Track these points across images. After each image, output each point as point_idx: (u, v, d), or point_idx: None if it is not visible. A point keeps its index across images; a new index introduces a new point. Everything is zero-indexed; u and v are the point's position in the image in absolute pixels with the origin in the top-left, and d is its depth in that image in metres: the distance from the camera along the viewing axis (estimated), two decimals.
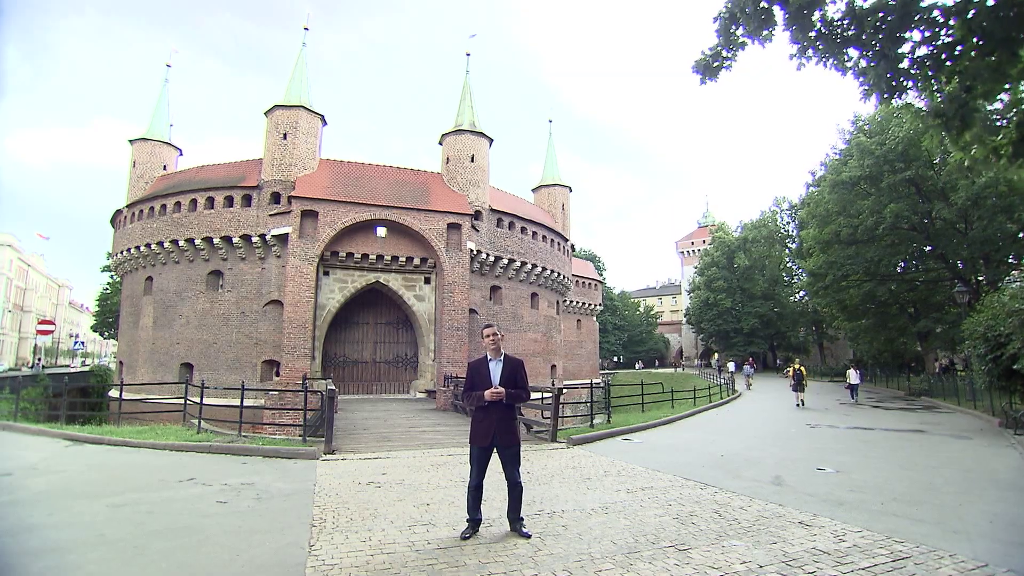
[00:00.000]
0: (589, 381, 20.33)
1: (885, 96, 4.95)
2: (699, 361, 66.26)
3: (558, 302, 32.13)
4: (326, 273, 22.52)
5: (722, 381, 29.10)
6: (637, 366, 66.58)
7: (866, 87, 5.02)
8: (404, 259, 23.09)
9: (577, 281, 43.07)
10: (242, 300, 22.25)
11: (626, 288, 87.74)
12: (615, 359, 67.62)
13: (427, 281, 24.04)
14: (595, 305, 47.00)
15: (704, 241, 72.04)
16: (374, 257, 22.63)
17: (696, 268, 59.34)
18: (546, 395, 12.84)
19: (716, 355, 57.02)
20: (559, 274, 29.95)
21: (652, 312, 77.14)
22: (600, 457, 9.57)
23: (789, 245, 51.67)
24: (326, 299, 22.32)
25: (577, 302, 44.18)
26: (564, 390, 12.48)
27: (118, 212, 26.47)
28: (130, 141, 26.83)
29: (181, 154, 28.02)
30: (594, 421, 13.44)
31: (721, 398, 22.76)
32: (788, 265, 53.94)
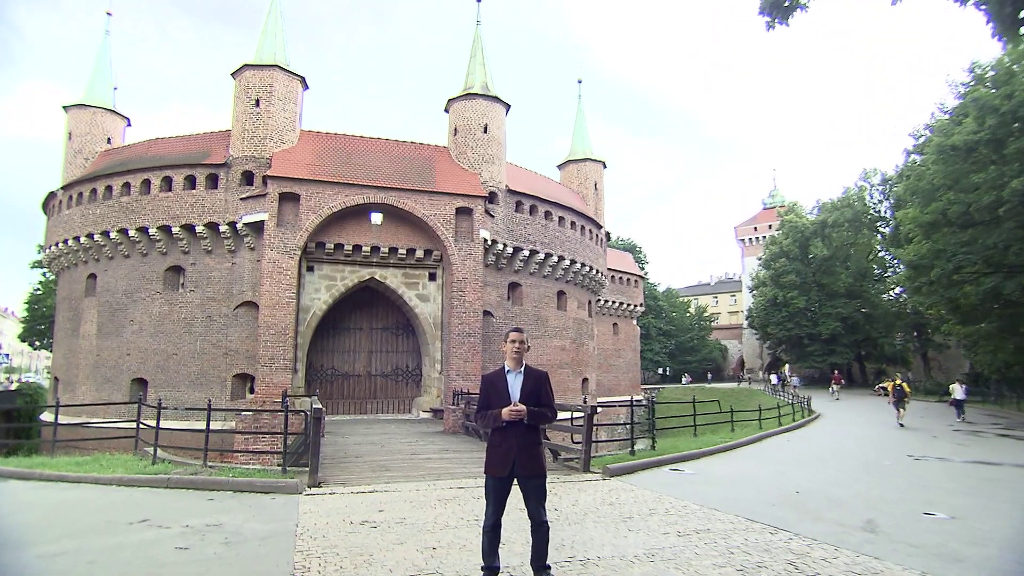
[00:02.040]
0: (629, 398, 20.27)
1: (1009, 32, 4.72)
2: (763, 374, 65.55)
3: (590, 302, 32.07)
4: (311, 268, 22.73)
5: (793, 398, 28.67)
6: (684, 380, 66.08)
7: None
8: (404, 251, 23.22)
9: (613, 276, 43.03)
10: (208, 302, 22.57)
11: (673, 285, 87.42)
12: (660, 371, 67.25)
13: (432, 278, 24.12)
14: (635, 306, 47.02)
15: (770, 226, 71.14)
16: (368, 249, 22.79)
17: (760, 259, 58.83)
18: (576, 415, 12.73)
19: (787, 367, 56.24)
20: (591, 268, 29.88)
21: (705, 314, 76.65)
22: (643, 491, 9.46)
23: (881, 230, 50.35)
24: (311, 300, 22.52)
25: (613, 302, 44.26)
26: (598, 409, 12.38)
27: (51, 195, 26.94)
28: (64, 108, 27.11)
29: (129, 125, 28.38)
30: (635, 447, 13.35)
31: (795, 420, 22.42)
32: (880, 255, 52.79)
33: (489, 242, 24.39)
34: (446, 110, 26.49)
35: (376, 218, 22.94)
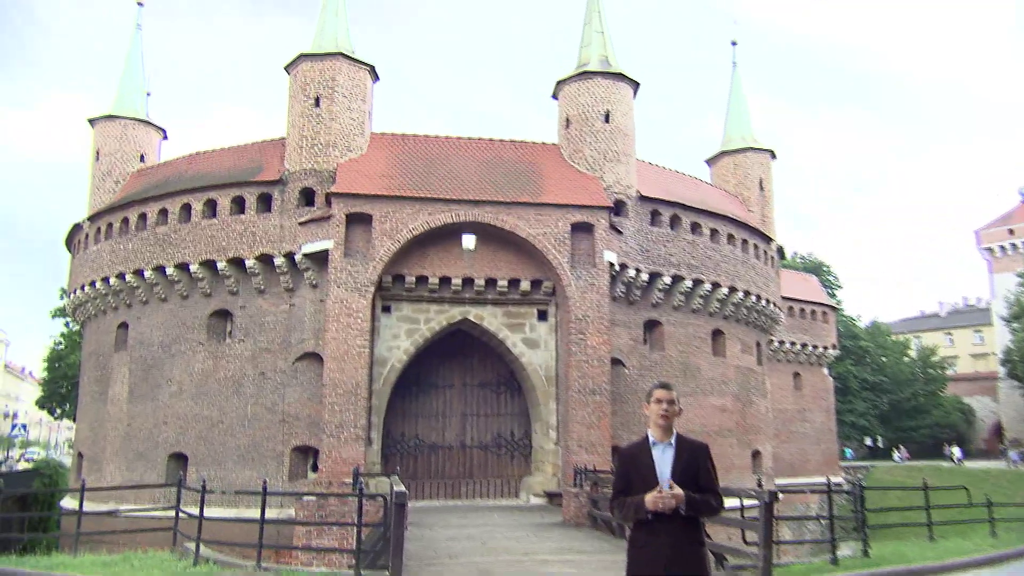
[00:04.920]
0: (825, 480, 19.29)
1: None
2: None
3: (759, 344, 31.31)
4: (387, 309, 23.59)
5: None
6: (897, 456, 62.01)
7: None
8: (505, 283, 23.67)
9: (790, 308, 41.72)
10: (261, 354, 23.85)
11: (882, 317, 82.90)
12: (868, 441, 63.62)
13: (542, 317, 24.38)
14: (825, 348, 45.42)
15: None
16: (459, 282, 23.40)
17: (1022, 276, 55.11)
18: (748, 503, 12.31)
19: None
20: (759, 298, 29.26)
21: (935, 358, 71.97)
22: None
23: None
24: (388, 349, 23.34)
25: (793, 344, 43.00)
26: (779, 495, 11.96)
27: (76, 229, 29.48)
28: (90, 121, 29.65)
29: (165, 137, 30.75)
30: (838, 553, 12.76)
31: None
32: None
33: (617, 267, 24.40)
34: (554, 96, 26.92)
35: (468, 241, 23.55)
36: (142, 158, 29.30)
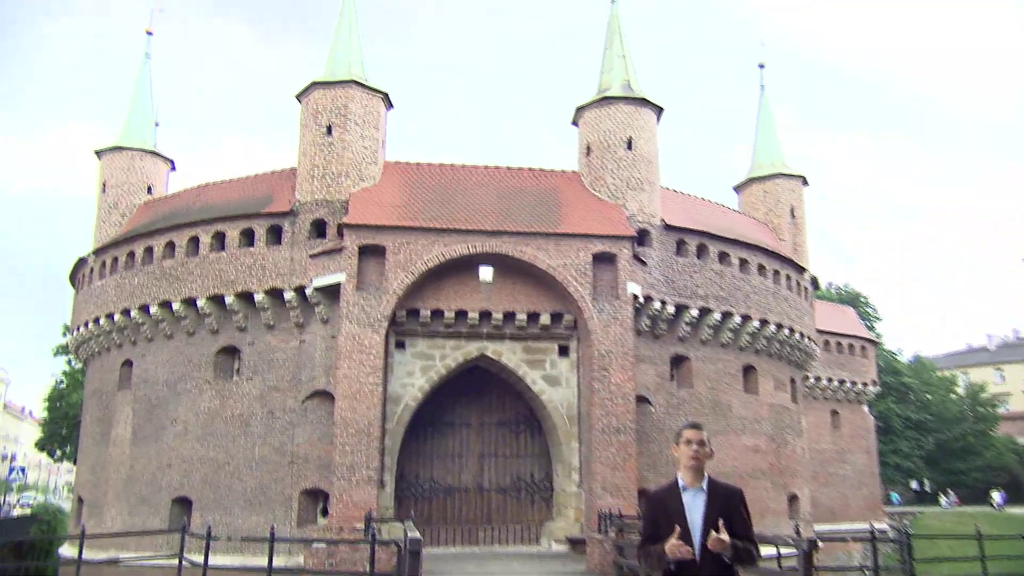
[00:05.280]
0: (868, 527, 18.98)
1: None
2: None
3: (794, 380, 31.11)
4: (401, 345, 23.69)
5: None
6: (945, 501, 60.96)
7: None
8: (524, 317, 23.74)
9: (826, 342, 41.44)
10: (269, 392, 23.98)
11: (925, 351, 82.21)
12: (913, 484, 62.59)
13: (563, 352, 24.37)
14: (865, 385, 45.02)
15: None
16: (476, 315, 23.50)
17: None
18: (785, 552, 12.16)
19: None
20: (792, 331, 29.14)
21: (985, 395, 71.02)
22: None
23: None
24: (402, 386, 23.40)
25: (830, 380, 42.66)
26: (819, 543, 11.80)
27: (81, 263, 29.99)
28: (97, 153, 30.35)
29: (174, 168, 31.35)
30: None
31: None
32: None
33: (641, 299, 24.40)
34: (574, 122, 27.16)
35: (485, 273, 23.64)
36: (149, 190, 29.83)
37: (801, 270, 30.75)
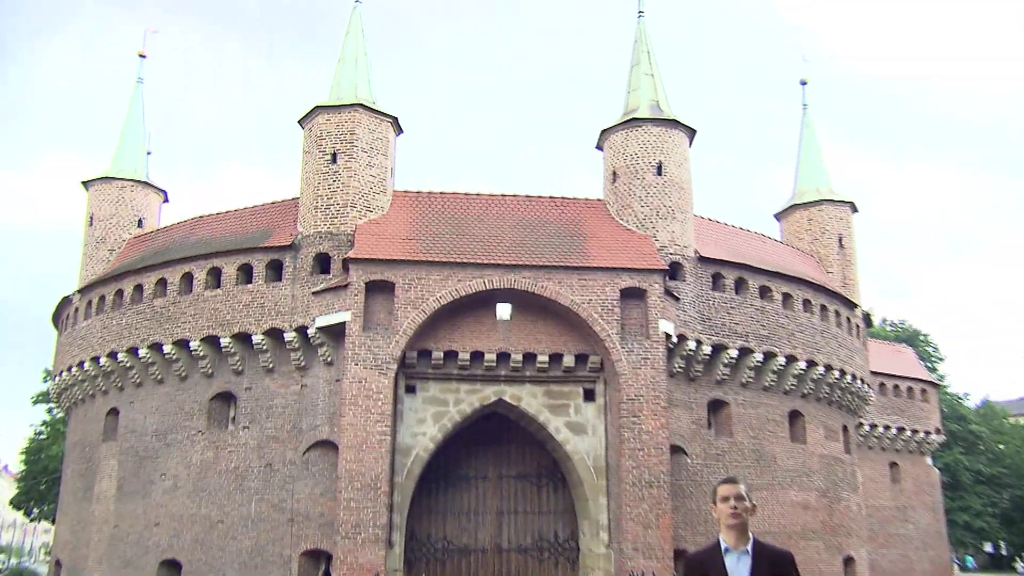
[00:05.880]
0: None
1: None
2: None
3: (846, 428, 30.80)
4: (411, 389, 23.67)
5: None
6: (1022, 566, 59.70)
7: None
8: (546, 358, 23.69)
9: (882, 385, 41.15)
10: (268, 443, 23.94)
11: (995, 396, 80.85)
12: (987, 547, 61.44)
13: (589, 397, 24.26)
14: (927, 433, 44.42)
15: None
16: (493, 357, 23.48)
17: None
18: None
19: None
20: (843, 373, 28.92)
21: None
22: None
23: None
24: (412, 436, 23.33)
25: (887, 428, 42.19)
26: None
27: (65, 302, 30.22)
28: (84, 183, 30.76)
29: (166, 200, 31.77)
30: None
31: None
32: None
33: (674, 339, 24.29)
34: (599, 147, 27.36)
35: (503, 311, 23.66)
36: (140, 223, 30.18)
37: (852, 305, 30.59)
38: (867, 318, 33.12)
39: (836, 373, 28.46)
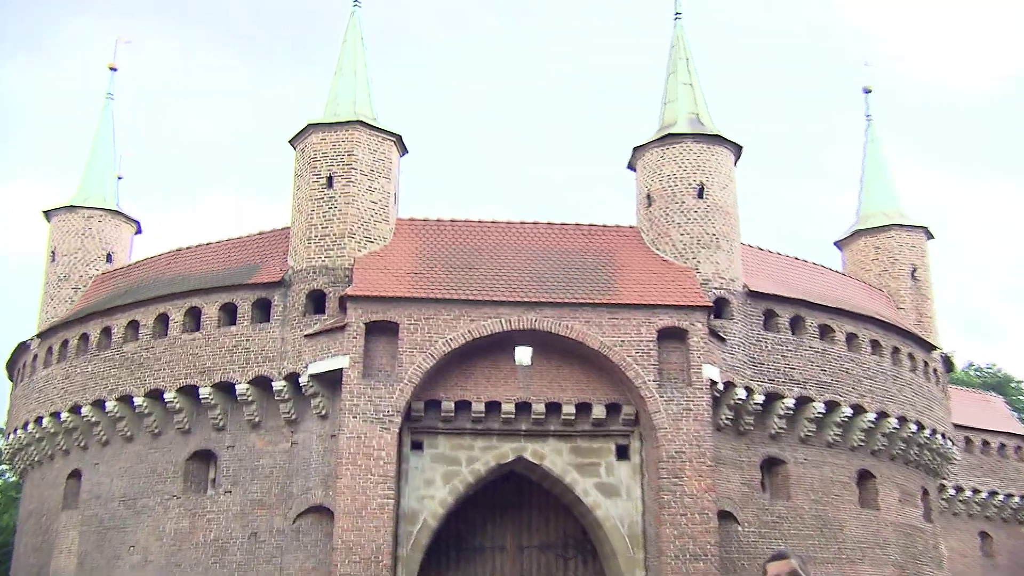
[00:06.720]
0: None
1: None
2: None
3: (926, 492, 30.40)
4: (418, 446, 23.49)
5: None
6: None
7: None
8: (572, 409, 23.46)
9: (968, 441, 40.69)
10: (253, 509, 23.70)
11: None
12: None
13: (622, 454, 24.00)
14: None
15: None
16: (511, 408, 23.25)
17: None
18: None
19: None
20: (921, 426, 28.56)
21: None
22: None
23: None
24: (419, 500, 23.07)
25: (975, 492, 41.53)
26: None
27: (22, 348, 30.13)
28: (45, 213, 30.77)
29: (139, 231, 31.80)
30: None
31: None
32: None
33: (720, 386, 24.06)
34: (631, 166, 27.33)
35: (523, 355, 23.53)
36: (109, 258, 30.26)
37: (929, 347, 30.32)
38: (948, 362, 32.69)
39: (912, 426, 28.04)
